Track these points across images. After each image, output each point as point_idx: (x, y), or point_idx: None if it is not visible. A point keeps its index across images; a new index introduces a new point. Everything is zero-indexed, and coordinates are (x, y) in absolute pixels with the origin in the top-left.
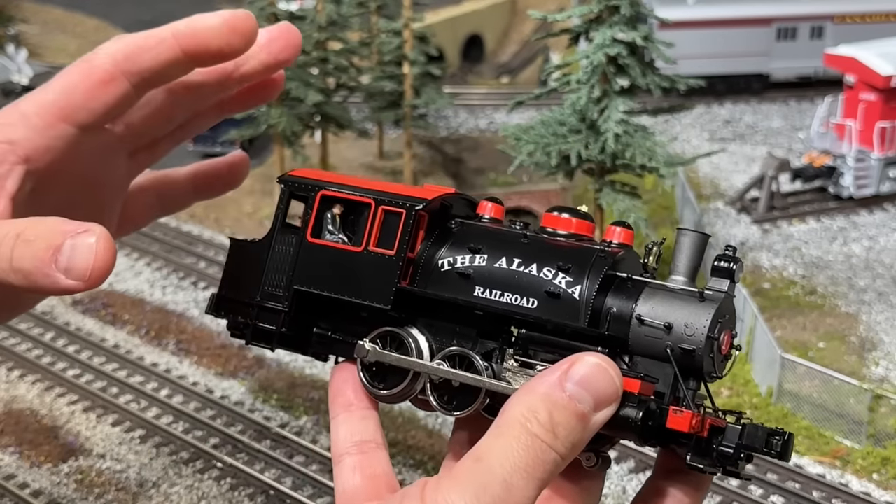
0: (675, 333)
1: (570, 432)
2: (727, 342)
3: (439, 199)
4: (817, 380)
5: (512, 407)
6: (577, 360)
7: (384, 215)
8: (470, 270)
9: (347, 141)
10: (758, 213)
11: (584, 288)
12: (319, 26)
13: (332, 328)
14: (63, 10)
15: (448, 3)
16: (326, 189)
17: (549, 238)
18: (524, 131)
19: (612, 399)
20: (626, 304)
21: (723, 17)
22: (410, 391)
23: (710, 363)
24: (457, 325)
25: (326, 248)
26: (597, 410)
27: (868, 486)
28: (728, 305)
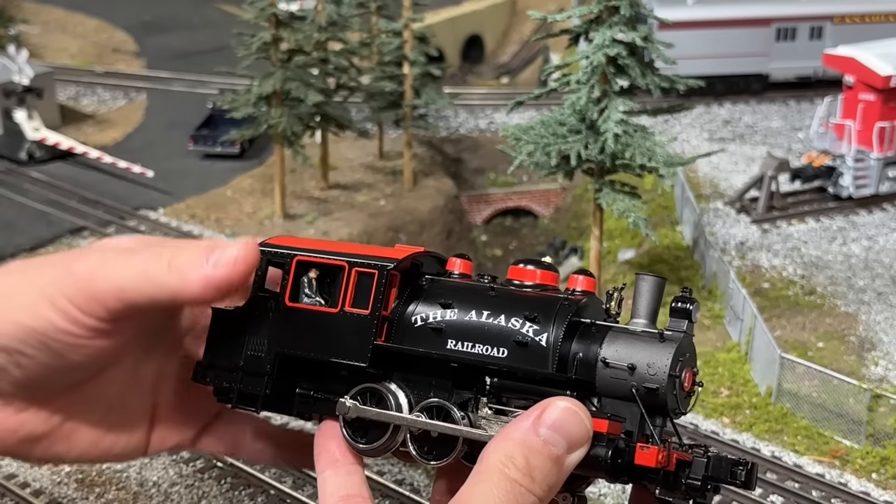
0: (639, 374)
1: (546, 475)
2: (689, 379)
3: (409, 259)
4: (816, 379)
5: (489, 454)
6: (548, 405)
7: (357, 277)
8: (442, 324)
9: (347, 141)
10: (757, 213)
11: (550, 335)
12: (320, 27)
13: (314, 388)
14: (64, 11)
15: (448, 4)
16: (301, 255)
17: (515, 290)
18: (524, 131)
19: (584, 440)
20: (591, 348)
21: (722, 17)
22: (391, 444)
23: (673, 400)
24: (432, 378)
25: (304, 312)
26: (570, 452)
27: (867, 486)
28: (688, 344)
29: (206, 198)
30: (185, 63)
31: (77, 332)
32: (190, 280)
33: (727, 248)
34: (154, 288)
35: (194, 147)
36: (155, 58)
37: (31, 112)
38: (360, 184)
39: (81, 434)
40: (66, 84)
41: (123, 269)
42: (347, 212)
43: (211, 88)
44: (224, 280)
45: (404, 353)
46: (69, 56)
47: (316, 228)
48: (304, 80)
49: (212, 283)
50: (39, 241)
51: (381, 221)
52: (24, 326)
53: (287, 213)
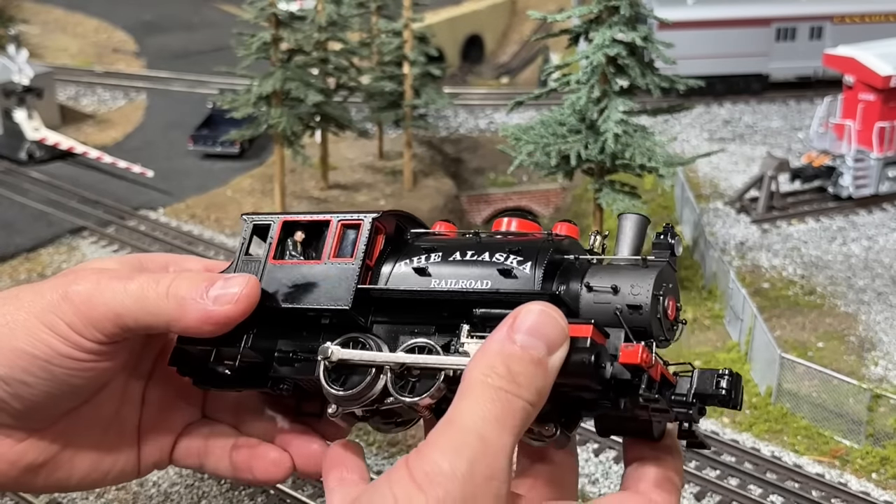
0: (622, 294)
1: (530, 379)
2: (672, 307)
3: (394, 215)
4: (816, 379)
5: (470, 370)
6: (520, 311)
7: (343, 229)
8: (425, 266)
9: (347, 141)
10: (757, 213)
11: (534, 265)
12: (320, 27)
13: (294, 349)
14: (64, 11)
15: (448, 4)
16: (287, 216)
17: (499, 237)
18: (524, 131)
19: (562, 339)
20: (575, 279)
21: (722, 17)
22: (370, 391)
23: (657, 325)
24: (415, 326)
25: (288, 267)
26: (550, 354)
27: (867, 486)
28: (670, 274)
29: (206, 198)
30: (185, 63)
31: (78, 356)
32: (188, 312)
33: (727, 248)
34: (149, 316)
35: (194, 147)
36: (155, 58)
37: (31, 112)
38: (360, 184)
39: (81, 458)
40: (66, 84)
41: (121, 293)
42: None
43: (211, 88)
44: (223, 317)
45: (387, 295)
46: (69, 56)
47: None
48: (304, 80)
49: (211, 318)
50: (39, 241)
51: None
52: (26, 353)
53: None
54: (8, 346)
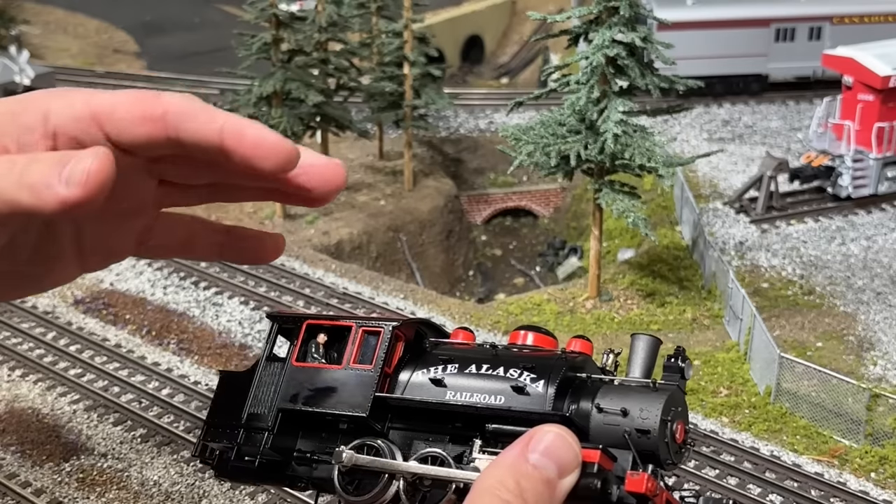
0: (631, 417)
1: (538, 498)
2: (681, 431)
3: (415, 323)
4: (815, 379)
5: (480, 480)
6: (537, 431)
7: (364, 336)
8: (442, 377)
9: (348, 141)
10: (756, 213)
11: (546, 383)
12: (320, 27)
13: (312, 449)
14: (64, 11)
15: (448, 4)
16: (311, 319)
17: (515, 350)
18: (524, 132)
19: (574, 465)
20: (586, 399)
21: (721, 18)
22: (383, 496)
23: (665, 449)
24: (429, 435)
25: (310, 370)
26: (561, 477)
27: (866, 485)
28: (679, 398)
29: None
30: (186, 64)
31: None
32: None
33: (726, 248)
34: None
35: None
36: (156, 58)
37: None
38: (360, 184)
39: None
40: (67, 84)
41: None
42: (347, 212)
43: (212, 89)
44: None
45: (404, 404)
46: (70, 57)
47: (316, 228)
48: (304, 81)
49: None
50: None
51: (381, 221)
52: None
53: (287, 213)
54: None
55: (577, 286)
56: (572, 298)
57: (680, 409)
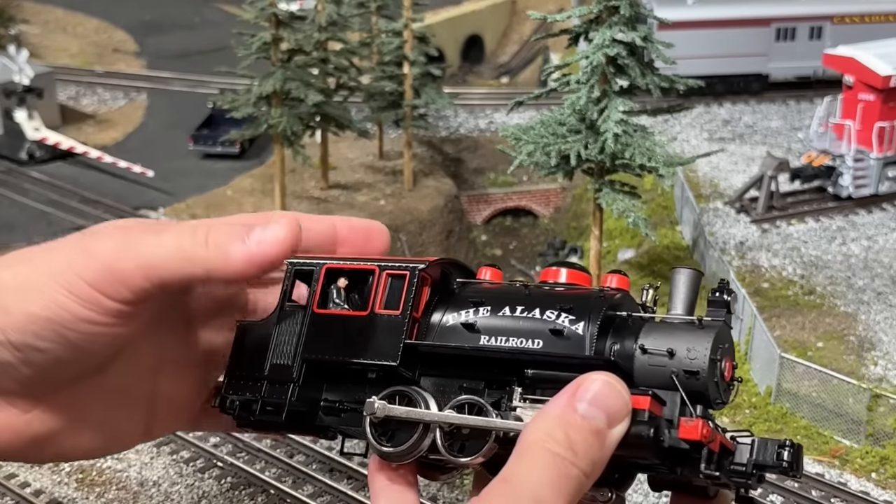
0: (678, 358)
1: (588, 449)
2: (729, 369)
3: (440, 264)
4: (816, 379)
5: (528, 433)
6: (584, 380)
7: (388, 280)
8: (474, 321)
9: (347, 141)
10: (757, 213)
11: (587, 324)
12: (320, 26)
13: (340, 399)
14: (64, 11)
15: (448, 4)
16: (331, 263)
17: (549, 289)
18: (524, 131)
19: (624, 414)
20: (629, 338)
21: (722, 17)
22: (419, 446)
23: (714, 388)
24: (463, 381)
25: (333, 317)
26: (611, 427)
27: (866, 486)
28: (726, 334)
29: (206, 198)
30: (186, 63)
31: (99, 319)
32: (231, 256)
33: (727, 247)
34: (189, 265)
35: (194, 147)
36: (155, 58)
37: (32, 112)
38: (360, 184)
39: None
40: (66, 84)
41: (153, 246)
42: (347, 212)
43: (211, 88)
44: (268, 258)
45: (435, 351)
46: (69, 56)
47: None
48: (304, 80)
49: (255, 260)
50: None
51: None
52: (39, 317)
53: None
54: (19, 309)
55: None
56: None
57: (727, 346)
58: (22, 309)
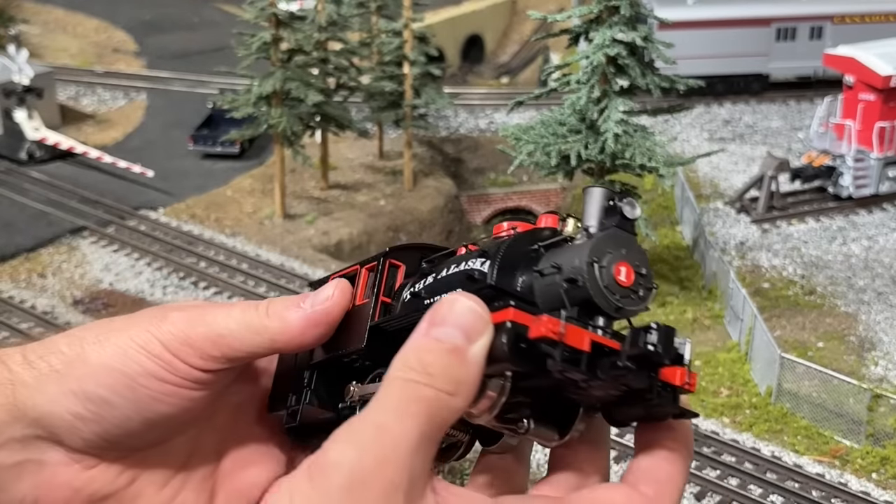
0: (564, 271)
1: (445, 367)
2: (627, 273)
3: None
4: (816, 379)
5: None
6: (436, 306)
7: (367, 274)
8: (420, 289)
9: (347, 141)
10: (757, 213)
11: (492, 263)
12: (320, 27)
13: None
14: (64, 11)
15: (448, 4)
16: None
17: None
18: (524, 131)
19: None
20: (530, 268)
21: (722, 17)
22: None
23: (601, 294)
24: None
25: None
26: (470, 342)
27: (867, 486)
28: (621, 239)
29: (206, 198)
30: (185, 63)
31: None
32: (290, 321)
33: (727, 247)
34: (254, 335)
35: (194, 147)
36: (155, 58)
37: (31, 112)
38: (360, 184)
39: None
40: (66, 84)
41: (223, 317)
42: (347, 212)
43: (211, 88)
44: (323, 315)
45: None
46: (69, 56)
47: (316, 228)
48: (304, 80)
49: (312, 320)
50: (39, 241)
51: (381, 221)
52: (114, 370)
53: (287, 213)
54: (97, 361)
55: None
56: None
57: (624, 252)
58: (100, 362)
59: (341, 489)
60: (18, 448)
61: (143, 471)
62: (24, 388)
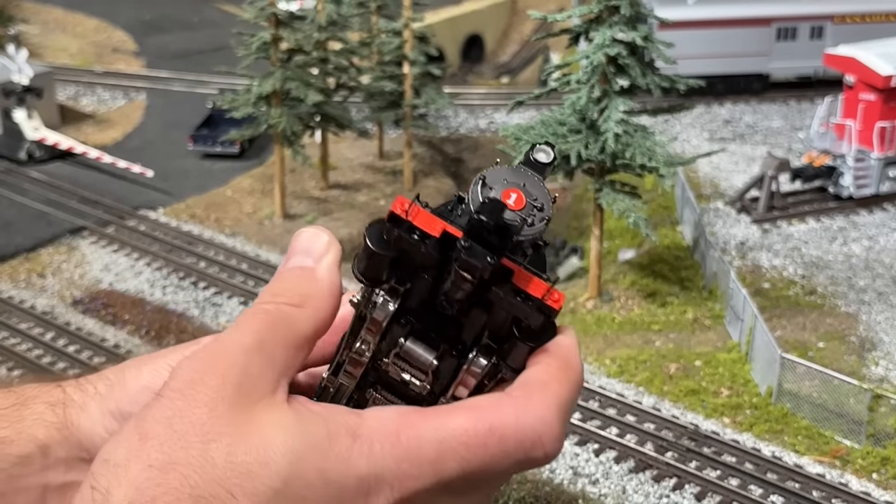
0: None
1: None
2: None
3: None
4: (817, 379)
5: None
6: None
7: None
8: None
9: (347, 141)
10: (757, 213)
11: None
12: (320, 26)
13: None
14: (63, 11)
15: (448, 3)
16: None
17: None
18: (524, 131)
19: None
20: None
21: (723, 17)
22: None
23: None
24: None
25: None
26: (317, 262)
27: (868, 486)
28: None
29: (205, 198)
30: (185, 63)
31: None
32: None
33: (727, 248)
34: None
35: (194, 147)
36: (155, 57)
37: (31, 112)
38: (360, 184)
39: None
40: (65, 84)
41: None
42: (347, 212)
43: (211, 88)
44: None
45: None
46: (69, 56)
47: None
48: (303, 80)
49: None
50: (39, 240)
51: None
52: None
53: (287, 212)
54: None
55: (578, 286)
56: (573, 299)
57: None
58: (137, 383)
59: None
60: (64, 470)
61: None
62: (73, 409)
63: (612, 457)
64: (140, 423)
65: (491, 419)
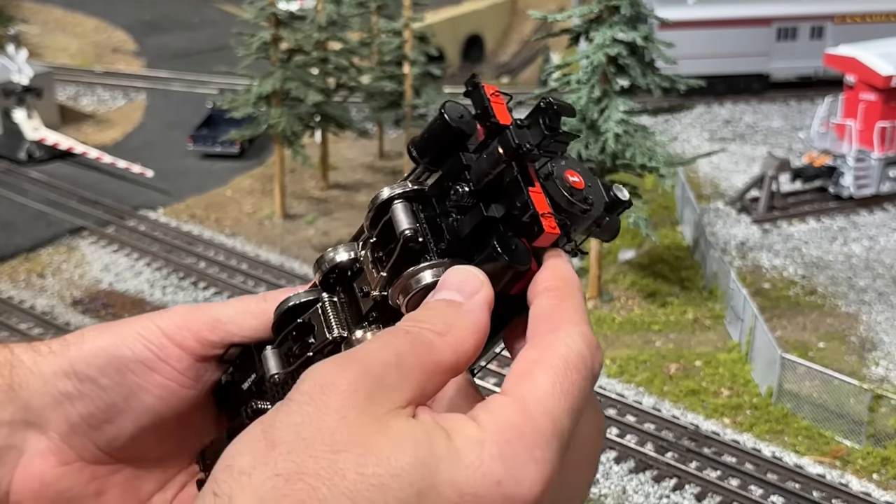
0: None
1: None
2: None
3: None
4: (817, 380)
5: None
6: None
7: None
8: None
9: (347, 141)
10: (758, 213)
11: None
12: (319, 26)
13: None
14: (63, 10)
15: (448, 3)
16: None
17: None
18: None
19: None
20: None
21: (723, 17)
22: None
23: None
24: None
25: None
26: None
27: (868, 486)
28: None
29: (205, 198)
30: (185, 63)
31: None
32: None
33: (728, 248)
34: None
35: (194, 147)
36: (154, 57)
37: (31, 112)
38: (360, 184)
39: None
40: (65, 84)
41: (221, 305)
42: (347, 212)
43: (211, 88)
44: None
45: None
46: (68, 56)
47: (316, 228)
48: (303, 80)
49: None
50: (39, 241)
51: None
52: (106, 352)
53: (287, 213)
54: (91, 345)
55: None
56: None
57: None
58: (94, 345)
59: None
60: (6, 432)
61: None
62: (21, 369)
63: (612, 457)
64: (268, 428)
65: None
